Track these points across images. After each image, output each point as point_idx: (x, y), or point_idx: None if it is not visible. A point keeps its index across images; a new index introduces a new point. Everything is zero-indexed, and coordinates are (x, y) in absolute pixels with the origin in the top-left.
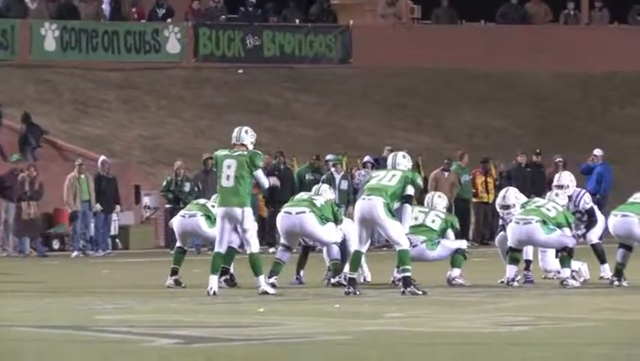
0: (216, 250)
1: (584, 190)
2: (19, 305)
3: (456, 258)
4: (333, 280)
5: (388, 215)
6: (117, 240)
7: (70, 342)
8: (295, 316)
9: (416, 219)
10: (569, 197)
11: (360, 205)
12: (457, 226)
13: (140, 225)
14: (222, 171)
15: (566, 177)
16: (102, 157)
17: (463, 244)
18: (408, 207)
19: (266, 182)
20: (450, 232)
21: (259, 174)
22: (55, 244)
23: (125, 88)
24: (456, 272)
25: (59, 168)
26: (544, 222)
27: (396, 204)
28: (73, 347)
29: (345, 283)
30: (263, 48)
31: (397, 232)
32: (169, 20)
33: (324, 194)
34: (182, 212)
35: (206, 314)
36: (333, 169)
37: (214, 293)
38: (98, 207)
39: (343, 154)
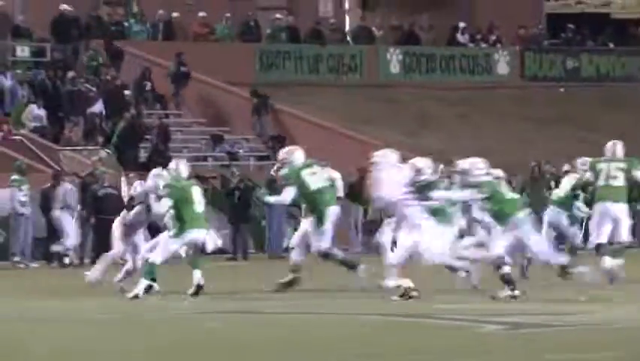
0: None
1: None
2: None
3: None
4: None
5: None
6: None
7: (416, 328)
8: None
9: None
10: None
11: None
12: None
13: None
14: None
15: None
16: (441, 165)
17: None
18: None
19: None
20: None
21: None
22: None
23: (460, 105)
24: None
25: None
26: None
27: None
28: (421, 331)
29: None
30: (581, 69)
31: None
32: (499, 45)
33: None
34: None
35: (524, 303)
36: None
37: None
38: None
39: None
